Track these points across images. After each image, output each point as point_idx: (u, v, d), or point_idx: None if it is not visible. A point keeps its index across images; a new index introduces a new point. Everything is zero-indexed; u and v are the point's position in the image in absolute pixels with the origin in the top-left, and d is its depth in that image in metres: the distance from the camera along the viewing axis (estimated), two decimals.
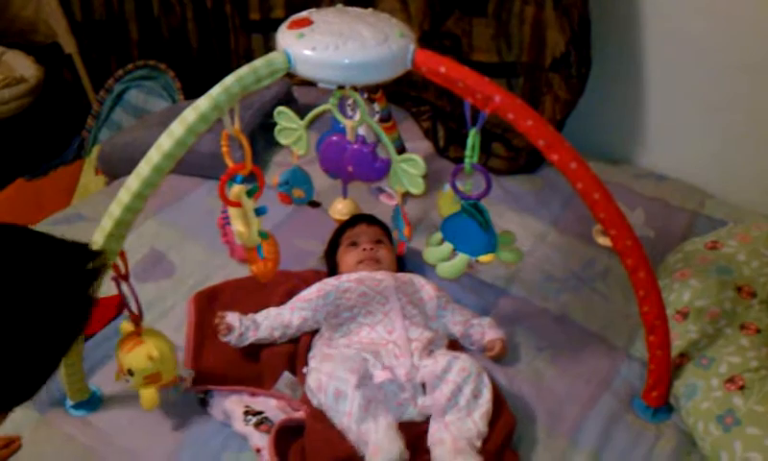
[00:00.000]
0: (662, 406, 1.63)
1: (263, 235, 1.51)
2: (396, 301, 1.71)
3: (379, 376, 1.52)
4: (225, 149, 1.44)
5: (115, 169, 2.43)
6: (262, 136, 2.35)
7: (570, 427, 1.61)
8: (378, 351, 1.60)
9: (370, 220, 1.93)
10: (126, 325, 1.50)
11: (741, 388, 1.53)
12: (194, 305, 1.81)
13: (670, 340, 1.55)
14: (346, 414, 1.47)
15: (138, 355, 1.46)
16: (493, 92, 1.32)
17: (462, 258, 1.56)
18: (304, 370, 1.63)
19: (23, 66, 2.94)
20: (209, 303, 1.82)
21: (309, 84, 1.39)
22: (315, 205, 1.87)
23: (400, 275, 1.81)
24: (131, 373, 1.47)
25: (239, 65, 1.31)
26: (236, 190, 1.45)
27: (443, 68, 1.34)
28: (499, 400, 1.59)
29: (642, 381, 1.65)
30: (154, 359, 1.46)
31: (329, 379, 1.51)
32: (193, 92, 2.63)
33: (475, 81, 1.33)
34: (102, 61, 3.17)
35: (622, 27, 2.30)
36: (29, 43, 3.14)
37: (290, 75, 1.37)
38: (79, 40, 3.08)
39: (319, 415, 1.51)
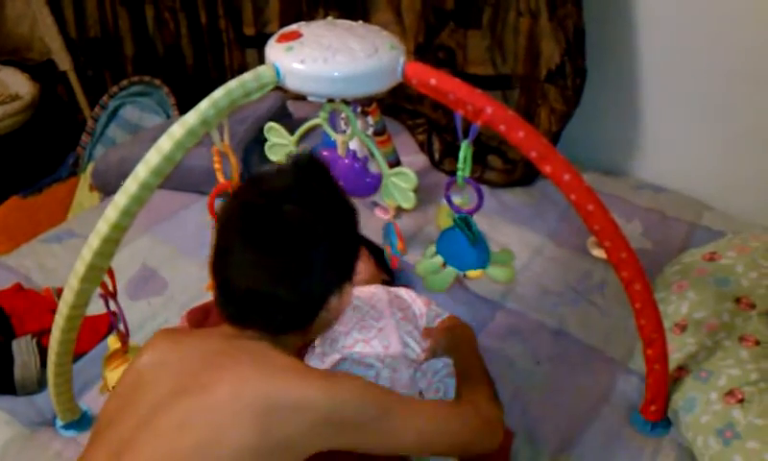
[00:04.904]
0: (661, 420, 1.61)
1: None
2: (391, 316, 1.69)
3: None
4: (217, 165, 1.42)
5: (109, 185, 2.42)
6: (257, 151, 2.33)
7: (568, 442, 1.59)
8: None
9: None
10: (114, 339, 1.48)
11: (741, 401, 1.50)
12: (187, 322, 1.79)
13: (668, 353, 1.53)
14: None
15: None
16: (485, 104, 1.30)
17: (449, 272, 1.54)
18: None
19: (18, 83, 2.94)
20: (203, 320, 1.80)
21: (304, 98, 1.38)
22: None
23: (393, 288, 1.79)
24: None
25: None
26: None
27: (433, 80, 1.32)
28: None
29: (641, 395, 1.63)
30: None
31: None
32: (188, 108, 2.59)
33: (466, 92, 1.31)
34: (97, 78, 3.17)
35: (618, 37, 2.29)
36: (24, 61, 3.14)
37: (283, 89, 1.36)
38: (74, 57, 3.08)
39: None
